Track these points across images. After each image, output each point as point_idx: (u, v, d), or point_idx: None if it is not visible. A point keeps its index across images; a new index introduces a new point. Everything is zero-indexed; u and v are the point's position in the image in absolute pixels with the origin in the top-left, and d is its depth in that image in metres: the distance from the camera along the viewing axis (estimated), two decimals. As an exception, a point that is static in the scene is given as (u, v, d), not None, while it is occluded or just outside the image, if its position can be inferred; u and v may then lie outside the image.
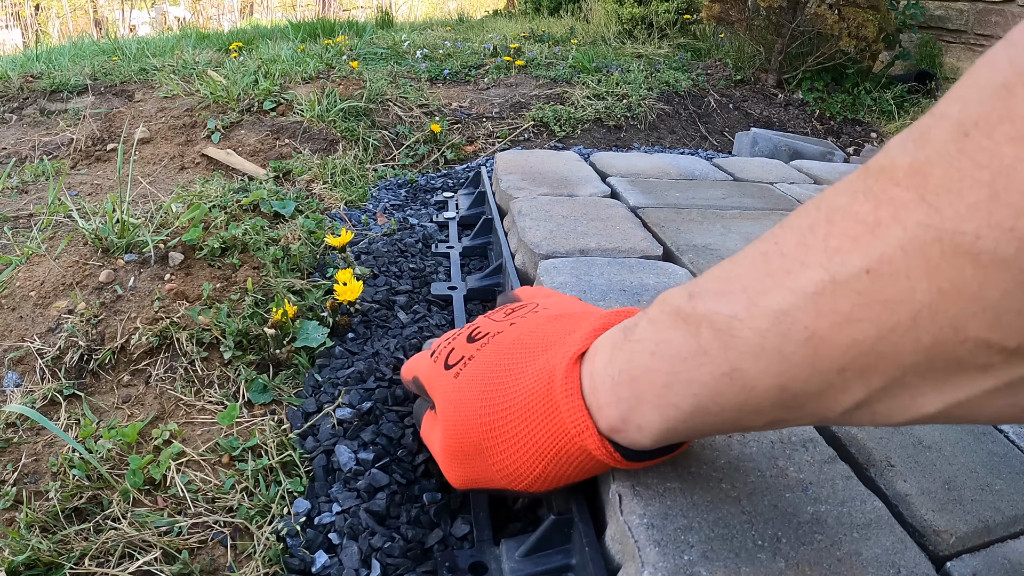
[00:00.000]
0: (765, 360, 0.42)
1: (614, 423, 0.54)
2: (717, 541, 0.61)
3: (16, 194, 1.88)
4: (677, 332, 0.48)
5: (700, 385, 0.47)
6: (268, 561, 0.77)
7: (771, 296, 0.42)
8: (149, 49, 4.25)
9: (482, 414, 0.64)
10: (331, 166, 2.12)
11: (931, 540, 0.67)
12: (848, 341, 0.38)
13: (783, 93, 3.94)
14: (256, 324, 1.13)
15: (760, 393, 0.44)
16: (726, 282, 0.46)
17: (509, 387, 0.63)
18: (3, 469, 0.89)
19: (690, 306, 0.48)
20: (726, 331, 0.44)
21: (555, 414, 0.58)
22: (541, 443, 0.60)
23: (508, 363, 0.65)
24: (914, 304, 0.35)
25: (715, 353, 0.45)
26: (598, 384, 0.55)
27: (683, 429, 0.51)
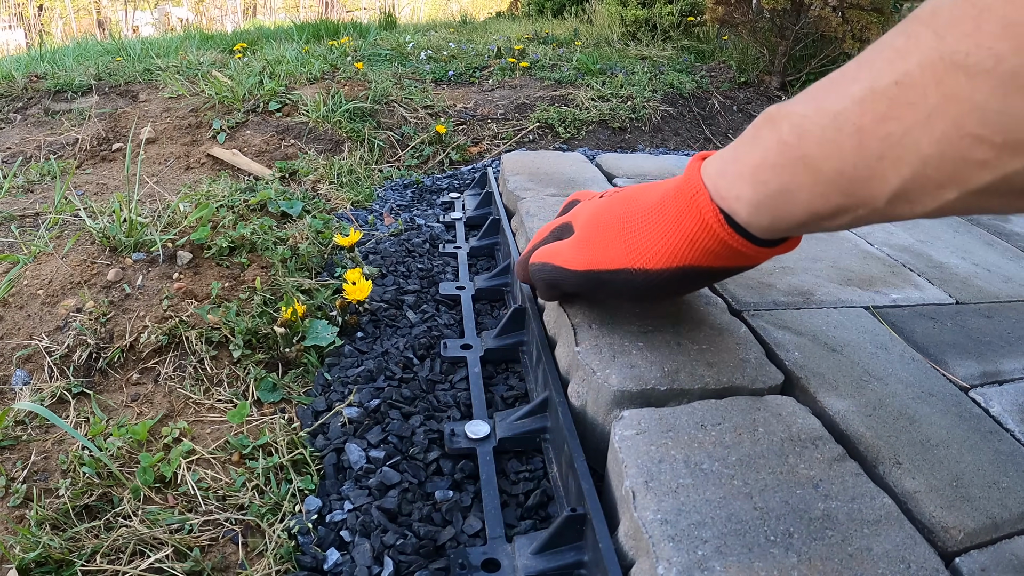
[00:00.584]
0: (826, 147, 0.56)
1: (720, 191, 0.69)
2: (730, 536, 0.61)
3: (22, 193, 1.88)
4: (766, 129, 0.63)
5: (781, 168, 0.61)
6: (280, 559, 0.77)
7: (830, 100, 0.56)
8: (153, 50, 4.25)
9: (624, 209, 0.81)
10: (337, 167, 2.12)
11: (940, 536, 0.67)
12: (883, 133, 0.51)
13: (787, 95, 3.94)
14: (265, 323, 1.13)
15: (824, 176, 0.57)
16: (803, 94, 0.60)
17: (647, 193, 0.80)
18: (13, 467, 0.89)
19: (778, 111, 0.62)
20: (799, 125, 0.58)
21: (681, 191, 0.73)
22: (669, 217, 0.74)
23: (645, 186, 0.82)
24: (927, 106, 0.47)
25: (791, 142, 0.59)
26: (709, 168, 0.72)
27: (770, 205, 0.64)
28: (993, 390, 0.94)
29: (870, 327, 1.04)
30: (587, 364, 0.84)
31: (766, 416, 0.78)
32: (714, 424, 0.76)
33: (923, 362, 0.97)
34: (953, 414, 0.85)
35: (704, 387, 0.82)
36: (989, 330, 1.10)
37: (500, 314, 1.27)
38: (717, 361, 0.86)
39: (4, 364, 1.06)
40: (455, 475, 0.87)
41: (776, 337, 0.96)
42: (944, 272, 1.31)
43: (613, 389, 0.79)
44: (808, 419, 0.79)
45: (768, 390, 0.85)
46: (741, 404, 0.80)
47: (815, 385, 0.86)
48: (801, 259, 1.25)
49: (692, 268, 0.74)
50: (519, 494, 0.84)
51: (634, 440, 0.72)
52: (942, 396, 0.89)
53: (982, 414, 0.87)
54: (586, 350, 0.86)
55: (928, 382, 0.91)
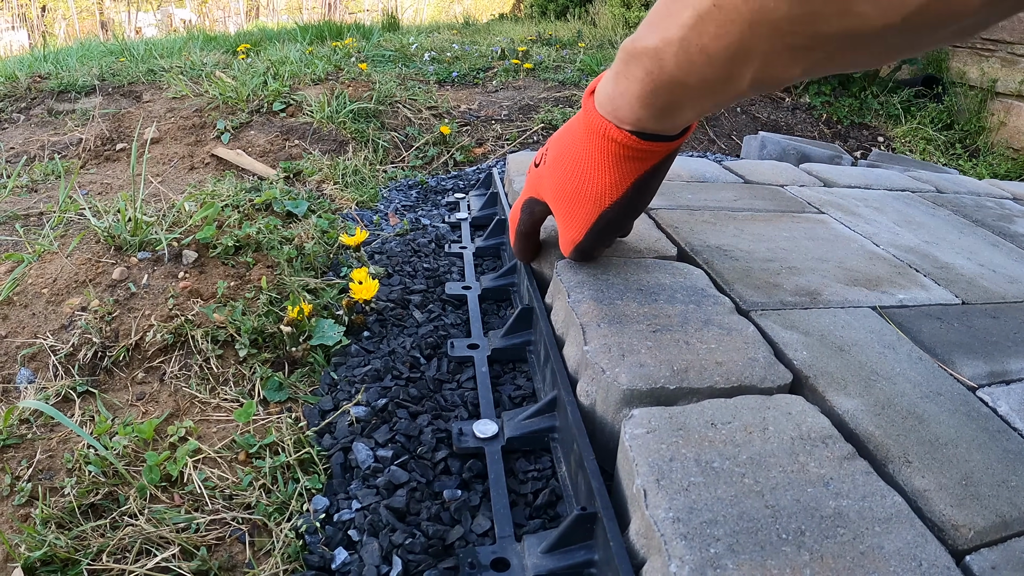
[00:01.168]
0: (684, 67, 0.68)
1: (621, 117, 0.82)
2: (742, 534, 0.61)
3: (26, 192, 1.88)
4: (632, 65, 0.75)
5: (658, 90, 0.74)
6: (287, 558, 0.77)
7: (671, 30, 0.67)
8: (157, 50, 4.25)
9: (556, 144, 0.98)
10: (342, 167, 2.12)
11: (950, 534, 0.67)
12: (724, 45, 0.63)
13: (790, 97, 3.94)
14: (271, 322, 1.13)
15: (691, 87, 0.71)
16: (648, 26, 0.72)
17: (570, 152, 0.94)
18: (18, 465, 0.89)
19: (632, 46, 0.74)
20: (655, 55, 0.71)
21: (593, 132, 0.87)
22: (591, 153, 0.89)
23: (562, 151, 0.96)
24: (743, 18, 0.59)
25: (655, 70, 0.72)
26: (603, 106, 0.85)
27: (666, 114, 0.78)
28: (1000, 389, 0.93)
29: (877, 327, 1.04)
30: (596, 363, 0.83)
31: (776, 415, 0.78)
32: (724, 423, 0.75)
33: (930, 362, 0.97)
34: (961, 413, 0.85)
35: (713, 386, 0.82)
36: (996, 330, 1.10)
37: (506, 314, 1.27)
38: (726, 360, 0.85)
39: (9, 363, 1.06)
40: (463, 474, 0.87)
41: (784, 337, 0.96)
42: (950, 273, 1.31)
43: (623, 388, 0.79)
44: (817, 418, 0.79)
45: (777, 389, 0.84)
46: (751, 403, 0.80)
47: (824, 384, 0.86)
48: (807, 260, 1.25)
49: (638, 180, 0.89)
50: (528, 493, 0.84)
51: (644, 439, 0.72)
52: (950, 395, 0.89)
53: (990, 413, 0.87)
54: (595, 349, 0.86)
55: (936, 382, 0.91)
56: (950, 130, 3.88)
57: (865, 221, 1.55)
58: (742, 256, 1.23)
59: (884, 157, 2.96)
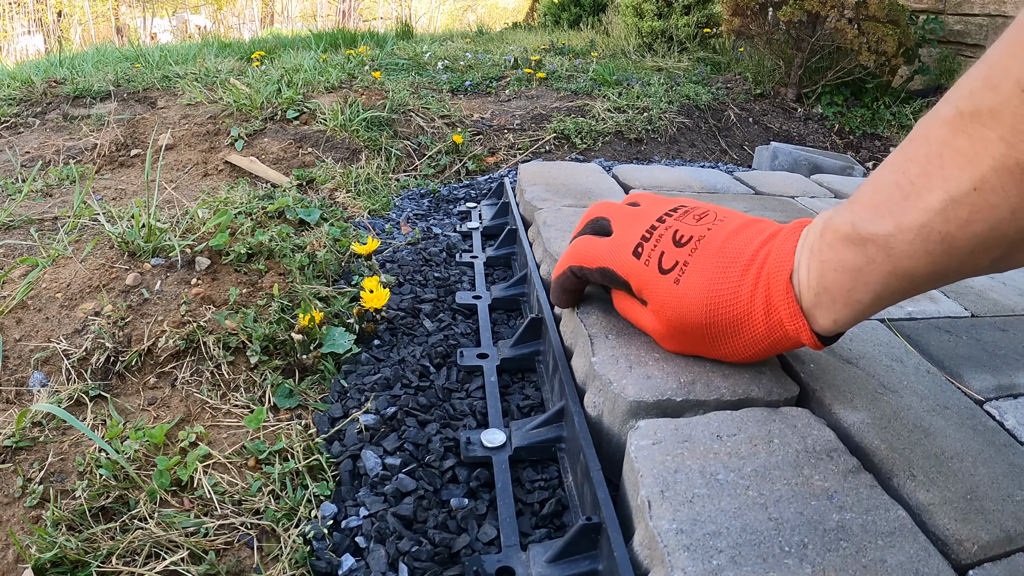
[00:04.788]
0: (917, 259, 0.59)
1: (817, 319, 0.72)
2: (745, 546, 0.61)
3: (41, 197, 1.89)
4: (849, 252, 0.65)
5: (874, 284, 0.64)
6: (295, 563, 0.77)
7: (911, 216, 0.58)
8: (172, 57, 4.27)
9: (706, 313, 0.80)
10: (354, 175, 2.13)
11: (954, 549, 0.67)
12: (970, 235, 0.55)
13: (802, 107, 3.94)
14: (282, 329, 1.14)
15: (918, 278, 0.62)
16: (875, 209, 0.62)
17: (728, 294, 0.78)
18: (30, 467, 0.89)
19: (855, 232, 0.64)
20: (885, 246, 0.61)
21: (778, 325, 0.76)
22: (759, 338, 0.79)
23: (723, 270, 0.79)
24: (1010, 204, 0.52)
25: (880, 261, 0.62)
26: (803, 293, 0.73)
27: (868, 312, 0.69)
28: (1008, 403, 0.93)
29: (885, 340, 1.04)
30: (604, 374, 0.84)
31: (781, 428, 0.78)
32: (729, 435, 0.76)
33: (938, 375, 0.97)
34: (968, 427, 0.85)
35: (720, 398, 0.82)
36: (1004, 343, 1.10)
37: (516, 324, 1.28)
38: (732, 373, 0.86)
39: (22, 366, 1.07)
40: (470, 483, 0.87)
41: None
42: (959, 285, 1.31)
43: (629, 399, 0.79)
44: (823, 431, 0.79)
45: (783, 402, 0.85)
46: (756, 415, 0.80)
47: (830, 397, 0.86)
48: (817, 272, 1.25)
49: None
50: (534, 503, 0.85)
51: (650, 450, 0.72)
52: (957, 409, 0.89)
53: (997, 427, 0.87)
54: (603, 360, 0.86)
55: (943, 395, 0.91)
56: (962, 141, 3.87)
57: (875, 234, 1.55)
58: (751, 268, 1.23)
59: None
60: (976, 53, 4.24)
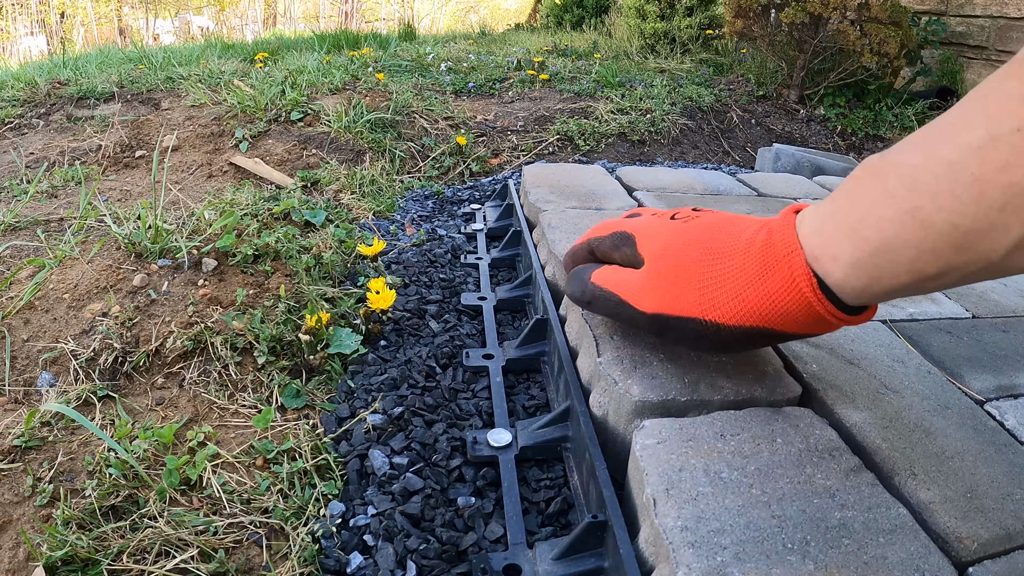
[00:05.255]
0: (940, 199, 0.52)
1: (815, 250, 0.63)
2: (749, 544, 0.62)
3: (46, 198, 1.90)
4: (869, 180, 0.59)
5: (887, 221, 0.56)
6: (303, 561, 0.78)
7: (943, 149, 0.52)
8: (175, 58, 4.28)
9: (703, 247, 0.74)
10: (358, 177, 2.13)
11: (954, 546, 0.68)
12: (1006, 183, 0.49)
13: (805, 109, 3.95)
14: (289, 330, 1.15)
15: (936, 231, 0.53)
16: (906, 144, 0.57)
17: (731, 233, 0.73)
18: (39, 467, 0.90)
19: (880, 161, 0.58)
20: (908, 176, 0.54)
21: (771, 245, 0.68)
22: (752, 271, 0.69)
23: (730, 221, 0.76)
24: None
25: (900, 195, 0.55)
26: (806, 220, 0.66)
27: (870, 264, 0.59)
28: (1008, 403, 0.94)
29: (887, 340, 1.05)
30: (609, 374, 0.85)
31: (784, 427, 0.79)
32: (733, 434, 0.76)
33: (939, 375, 0.98)
34: (968, 427, 0.85)
35: (724, 398, 0.82)
36: (1005, 344, 1.11)
37: (521, 324, 1.28)
38: (736, 373, 0.86)
39: (30, 366, 1.07)
40: (477, 482, 0.88)
41: (794, 350, 0.97)
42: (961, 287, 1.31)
43: (634, 399, 0.80)
44: (825, 430, 0.80)
45: (786, 402, 0.85)
46: (760, 415, 0.80)
47: (832, 397, 0.87)
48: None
49: (766, 330, 0.70)
50: (540, 501, 0.85)
51: (655, 449, 0.73)
52: (957, 409, 0.89)
53: (997, 427, 0.87)
54: (608, 361, 0.87)
55: (944, 395, 0.92)
56: (964, 143, 3.87)
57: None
58: (754, 269, 1.24)
59: None
60: (978, 54, 4.25)
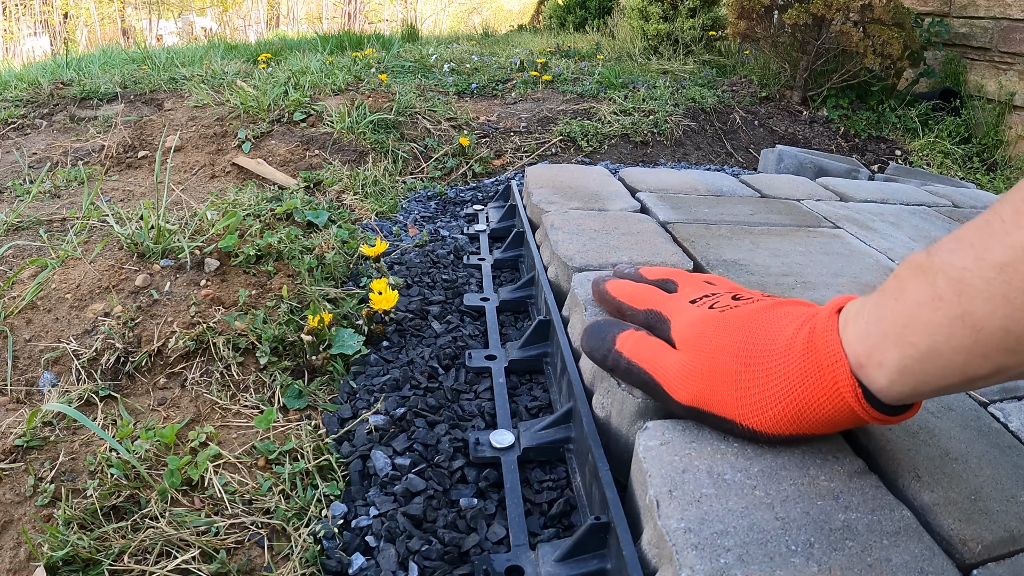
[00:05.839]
0: (992, 304, 0.50)
1: (860, 358, 0.61)
2: (752, 545, 0.62)
3: (49, 198, 1.90)
4: (917, 282, 0.56)
5: (935, 326, 0.54)
6: (305, 562, 0.78)
7: (995, 252, 0.50)
8: (178, 59, 4.28)
9: (741, 345, 0.71)
10: (361, 177, 2.13)
11: (958, 549, 0.67)
12: None
13: (808, 110, 3.94)
14: (292, 331, 1.14)
15: (987, 335, 0.51)
16: (956, 242, 0.54)
17: (770, 331, 0.71)
18: (41, 467, 0.90)
19: (928, 261, 0.56)
20: (958, 280, 0.52)
21: (812, 350, 0.65)
22: (792, 377, 0.66)
23: (769, 316, 0.73)
24: None
25: (949, 299, 0.52)
26: (849, 324, 0.63)
27: (917, 370, 0.56)
28: (1012, 405, 0.94)
29: (892, 343, 1.05)
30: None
31: (788, 429, 0.79)
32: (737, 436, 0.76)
33: (944, 378, 0.97)
34: (972, 429, 0.85)
35: (727, 399, 0.82)
36: (1010, 347, 1.10)
37: (524, 326, 1.28)
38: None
39: (32, 366, 1.07)
40: (479, 483, 0.88)
41: (798, 351, 0.97)
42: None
43: (637, 400, 0.80)
44: (829, 432, 0.79)
45: (789, 403, 0.85)
46: (763, 417, 0.80)
47: (836, 399, 0.87)
48: (822, 274, 1.25)
49: (806, 436, 0.70)
50: (543, 503, 0.85)
51: (658, 450, 0.72)
52: (961, 411, 0.89)
53: (1001, 429, 0.87)
54: (610, 361, 0.87)
55: (947, 397, 0.92)
56: (968, 144, 3.87)
57: (881, 236, 1.55)
58: (757, 270, 1.24)
59: (901, 171, 2.96)
60: (981, 56, 4.24)
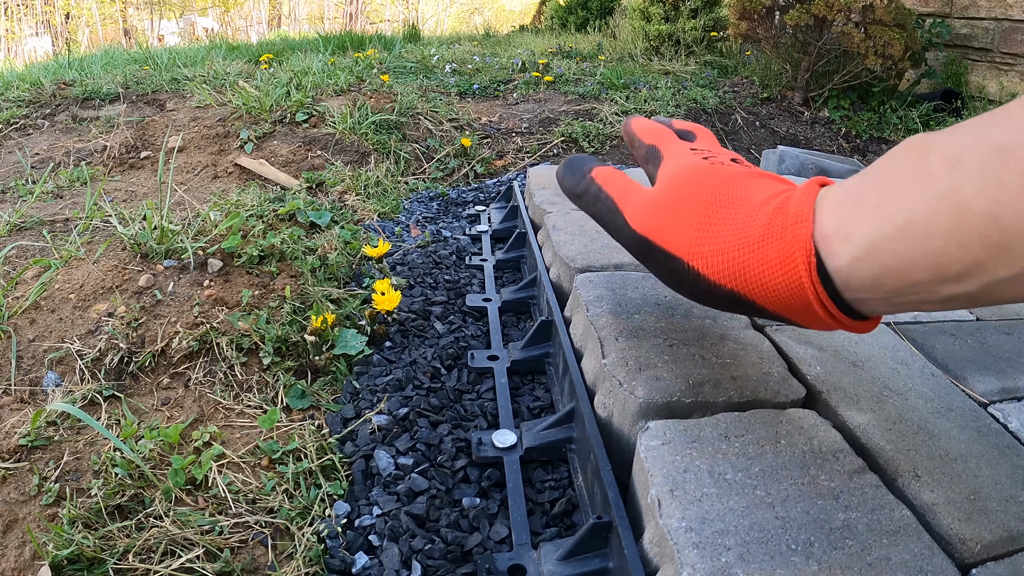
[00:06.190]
0: (983, 183, 0.45)
1: (828, 227, 0.56)
2: (753, 544, 0.62)
3: (51, 199, 1.91)
4: (908, 157, 0.52)
5: (919, 200, 0.49)
6: (309, 561, 0.78)
7: (996, 133, 0.46)
8: (180, 59, 4.29)
9: (715, 192, 0.67)
10: (364, 178, 2.14)
11: (957, 548, 0.68)
12: None
13: (809, 111, 3.94)
14: (295, 331, 1.15)
15: (971, 218, 0.46)
16: (957, 126, 0.50)
17: (748, 189, 0.66)
18: (45, 466, 0.90)
19: (924, 140, 0.51)
20: (953, 156, 0.48)
21: (781, 211, 0.61)
22: (753, 233, 0.62)
23: (754, 179, 0.68)
24: None
25: (939, 174, 0.48)
26: (828, 195, 0.58)
27: (886, 251, 0.52)
28: (1012, 406, 0.94)
29: (891, 343, 1.05)
30: (614, 376, 0.85)
31: (788, 429, 0.79)
32: (737, 436, 0.76)
33: (943, 377, 0.98)
34: (972, 429, 0.85)
35: (728, 400, 0.82)
36: (1009, 347, 1.11)
37: (526, 326, 1.29)
38: (741, 375, 0.86)
39: (36, 366, 1.08)
40: (482, 483, 0.89)
41: (798, 352, 0.97)
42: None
43: (639, 401, 0.80)
44: (829, 432, 0.80)
45: (790, 404, 0.85)
46: (764, 417, 0.80)
47: (836, 399, 0.87)
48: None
49: (749, 300, 0.64)
50: (545, 502, 0.86)
51: (660, 450, 0.73)
52: (961, 411, 0.89)
53: (1000, 429, 0.87)
54: (613, 362, 0.87)
55: (947, 397, 0.92)
56: (969, 145, 3.87)
57: (881, 238, 1.55)
58: (759, 271, 1.24)
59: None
60: (983, 56, 4.25)
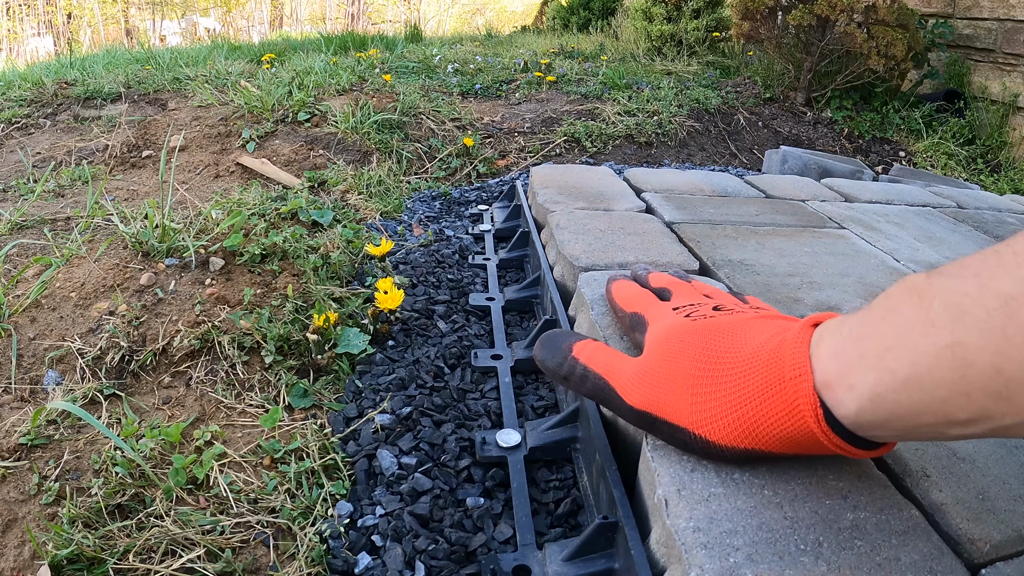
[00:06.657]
0: (987, 337, 0.44)
1: (829, 376, 0.55)
2: (761, 544, 0.61)
3: (53, 197, 1.90)
4: (909, 303, 0.50)
5: (920, 353, 0.48)
6: (311, 561, 0.77)
7: (1001, 282, 0.44)
8: (182, 59, 4.29)
9: (704, 352, 0.66)
10: (366, 177, 2.13)
11: (966, 548, 0.67)
12: None
13: (812, 111, 3.94)
14: (297, 330, 1.14)
15: (975, 371, 0.45)
16: (960, 268, 0.48)
17: (737, 340, 0.66)
18: (45, 465, 0.90)
19: (926, 283, 0.50)
20: (956, 306, 0.46)
21: (777, 361, 0.60)
22: (752, 388, 0.61)
23: (740, 327, 0.68)
24: None
25: (942, 324, 0.47)
26: (824, 339, 0.57)
27: (891, 401, 0.51)
28: (1021, 407, 0.93)
29: (899, 343, 1.04)
30: (619, 374, 0.84)
31: (797, 429, 0.78)
32: (745, 435, 0.76)
33: (952, 378, 0.97)
34: (981, 430, 0.85)
35: (735, 399, 0.82)
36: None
37: (529, 325, 1.28)
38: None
39: (37, 364, 1.07)
40: (486, 483, 0.88)
41: (805, 351, 0.96)
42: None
43: (644, 400, 0.79)
44: (838, 432, 0.79)
45: (798, 403, 0.85)
46: (772, 416, 0.80)
47: (845, 399, 0.86)
48: (828, 275, 1.25)
49: (765, 453, 0.64)
50: (549, 502, 0.85)
51: (666, 449, 0.72)
52: (971, 412, 0.88)
53: (1010, 430, 0.86)
54: (617, 361, 0.86)
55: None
56: (971, 145, 3.87)
57: (886, 237, 1.55)
58: (763, 271, 1.23)
59: (905, 172, 2.96)
60: (985, 57, 4.24)
